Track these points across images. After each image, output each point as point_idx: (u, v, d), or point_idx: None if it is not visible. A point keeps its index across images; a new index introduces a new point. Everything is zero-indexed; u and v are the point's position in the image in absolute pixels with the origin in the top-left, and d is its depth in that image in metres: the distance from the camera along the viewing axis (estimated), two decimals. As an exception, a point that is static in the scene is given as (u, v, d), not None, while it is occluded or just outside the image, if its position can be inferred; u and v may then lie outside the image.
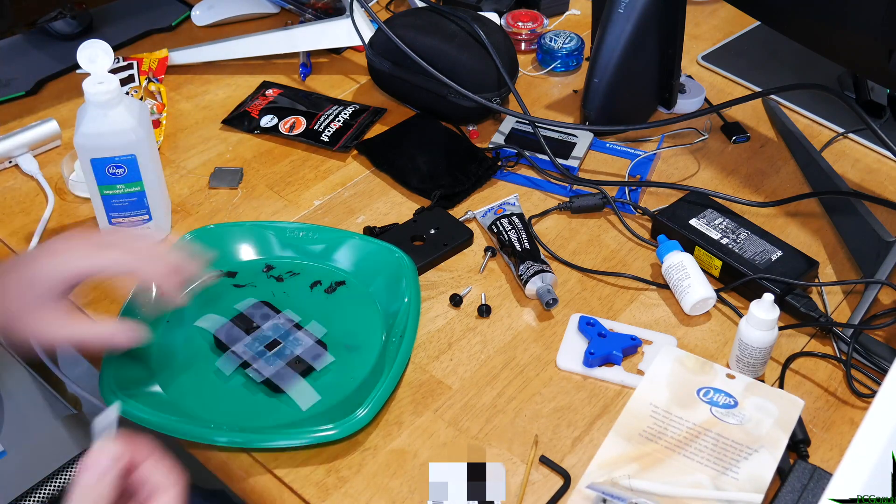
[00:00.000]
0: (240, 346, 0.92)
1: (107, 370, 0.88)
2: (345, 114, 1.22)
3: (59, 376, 1.03)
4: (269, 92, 1.27)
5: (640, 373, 0.91)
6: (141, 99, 1.22)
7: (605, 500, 0.78)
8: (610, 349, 0.92)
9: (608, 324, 0.96)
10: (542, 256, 1.02)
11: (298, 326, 0.95)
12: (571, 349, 0.94)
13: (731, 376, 0.86)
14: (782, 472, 0.81)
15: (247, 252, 1.03)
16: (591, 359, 0.91)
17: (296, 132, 1.20)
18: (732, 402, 0.84)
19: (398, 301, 0.95)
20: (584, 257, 1.06)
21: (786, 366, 0.93)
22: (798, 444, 0.84)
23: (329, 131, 1.20)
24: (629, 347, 0.92)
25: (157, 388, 0.89)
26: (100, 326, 0.84)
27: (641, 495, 0.76)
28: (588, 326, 0.94)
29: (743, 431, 0.82)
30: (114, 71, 1.26)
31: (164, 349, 0.93)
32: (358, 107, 1.24)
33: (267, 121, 1.22)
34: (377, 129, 1.22)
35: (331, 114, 1.22)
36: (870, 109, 1.22)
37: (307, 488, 0.83)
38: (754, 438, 0.81)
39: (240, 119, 1.24)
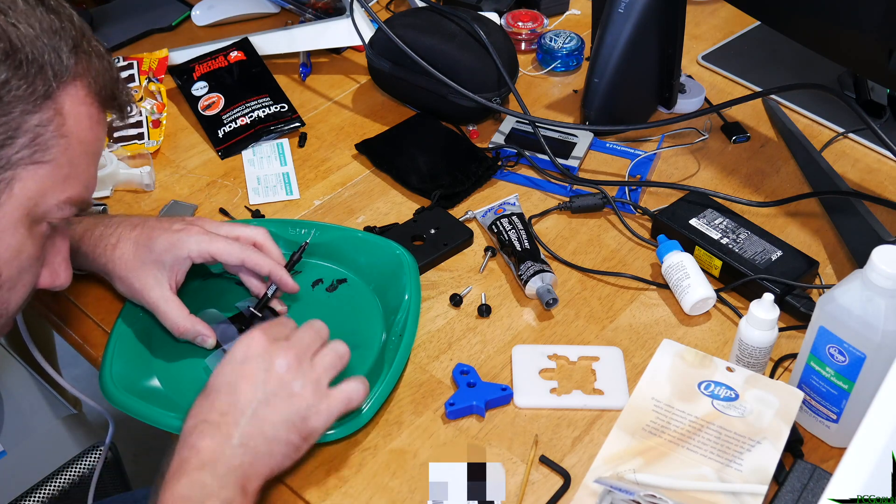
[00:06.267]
0: (232, 344, 0.92)
1: (106, 364, 0.88)
2: (263, 111, 1.20)
3: (57, 379, 1.03)
4: (234, 54, 1.27)
5: (600, 392, 0.91)
6: (141, 99, 1.22)
7: (610, 493, 0.78)
8: (471, 401, 0.88)
9: (562, 349, 0.95)
10: (542, 256, 1.02)
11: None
12: (525, 385, 0.91)
13: (730, 369, 0.86)
14: (780, 473, 0.81)
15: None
16: (451, 409, 0.88)
17: (207, 113, 1.21)
18: (733, 395, 0.84)
19: (399, 298, 0.95)
20: (584, 257, 1.06)
21: (777, 364, 0.93)
22: (792, 443, 0.84)
23: (231, 126, 1.19)
24: (497, 398, 0.89)
25: (155, 383, 0.89)
26: (175, 312, 0.90)
27: (648, 489, 0.76)
28: (461, 375, 0.91)
29: (745, 423, 0.82)
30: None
31: (165, 342, 0.93)
32: (285, 108, 1.21)
33: (198, 87, 1.22)
34: (376, 130, 1.22)
35: (250, 106, 1.21)
36: (870, 109, 1.22)
37: (307, 488, 0.83)
38: (756, 430, 0.82)
39: (181, 72, 1.26)
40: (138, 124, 1.19)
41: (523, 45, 1.37)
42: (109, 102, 0.75)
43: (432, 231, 1.06)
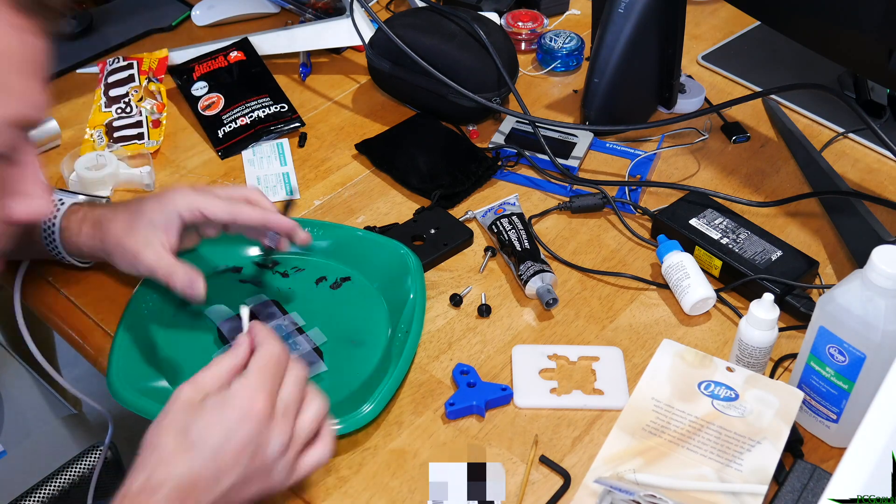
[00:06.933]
0: None
1: (113, 362, 0.88)
2: (263, 111, 1.20)
3: (57, 379, 1.03)
4: (234, 55, 1.27)
5: (600, 392, 0.91)
6: (141, 99, 1.22)
7: (610, 493, 0.78)
8: (471, 401, 0.88)
9: (563, 349, 0.95)
10: (542, 256, 1.02)
11: (301, 330, 0.95)
12: (525, 385, 0.91)
13: (730, 369, 0.87)
14: (780, 473, 0.81)
15: (252, 248, 1.02)
16: (451, 409, 0.88)
17: (207, 113, 1.21)
18: (733, 395, 0.84)
19: (403, 297, 0.95)
20: (584, 257, 1.06)
21: (777, 364, 0.93)
22: (792, 443, 0.84)
23: (231, 126, 1.19)
24: (497, 398, 0.89)
25: (163, 383, 0.89)
26: (168, 265, 0.89)
27: (648, 489, 0.76)
28: (461, 375, 0.91)
29: (745, 423, 0.82)
30: (114, 71, 1.26)
31: (172, 339, 0.93)
32: (285, 108, 1.22)
33: (198, 87, 1.23)
34: (376, 130, 1.22)
35: (250, 106, 1.21)
36: (870, 109, 1.22)
37: (307, 488, 0.83)
38: (756, 430, 0.82)
39: (181, 72, 1.27)
40: (138, 124, 1.19)
41: (523, 45, 1.37)
42: (33, 6, 0.66)
43: (432, 231, 1.06)
